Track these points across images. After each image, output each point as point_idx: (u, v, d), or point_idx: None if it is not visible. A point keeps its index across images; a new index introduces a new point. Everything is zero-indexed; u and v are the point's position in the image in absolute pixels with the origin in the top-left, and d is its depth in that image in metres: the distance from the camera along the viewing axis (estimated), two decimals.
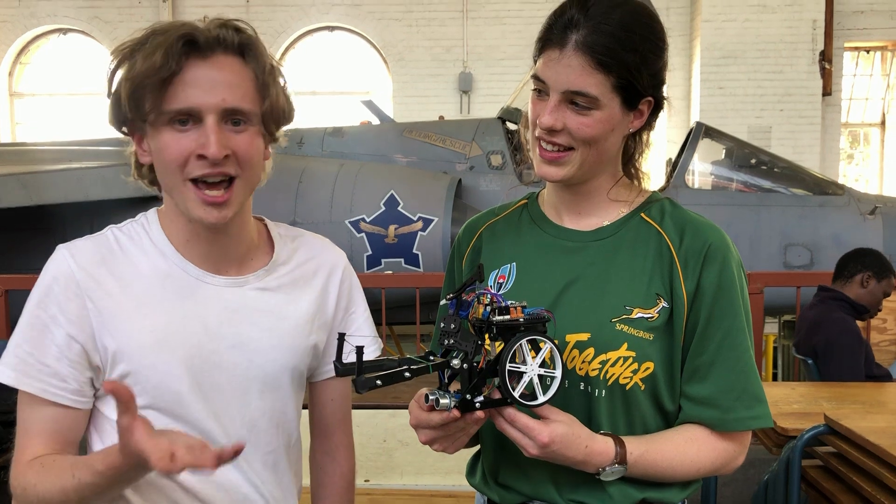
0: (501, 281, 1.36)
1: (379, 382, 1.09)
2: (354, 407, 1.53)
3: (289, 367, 1.32)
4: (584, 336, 1.26)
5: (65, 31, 10.23)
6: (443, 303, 1.22)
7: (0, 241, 5.36)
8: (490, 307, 1.14)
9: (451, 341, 1.15)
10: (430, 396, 1.13)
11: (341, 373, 1.09)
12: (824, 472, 2.40)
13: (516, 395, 1.14)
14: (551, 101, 1.23)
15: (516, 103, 5.91)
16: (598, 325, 1.26)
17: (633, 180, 1.37)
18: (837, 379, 3.48)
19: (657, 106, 1.31)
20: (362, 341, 1.14)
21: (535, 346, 1.15)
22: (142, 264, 1.25)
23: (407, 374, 1.11)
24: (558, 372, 1.16)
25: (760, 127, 9.05)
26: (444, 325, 1.17)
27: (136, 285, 1.23)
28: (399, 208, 5.55)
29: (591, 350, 1.25)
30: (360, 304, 1.44)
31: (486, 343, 1.15)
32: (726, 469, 1.31)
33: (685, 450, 1.27)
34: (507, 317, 1.14)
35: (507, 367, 1.13)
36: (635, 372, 1.25)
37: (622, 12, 1.22)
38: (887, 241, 5.27)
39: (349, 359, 1.09)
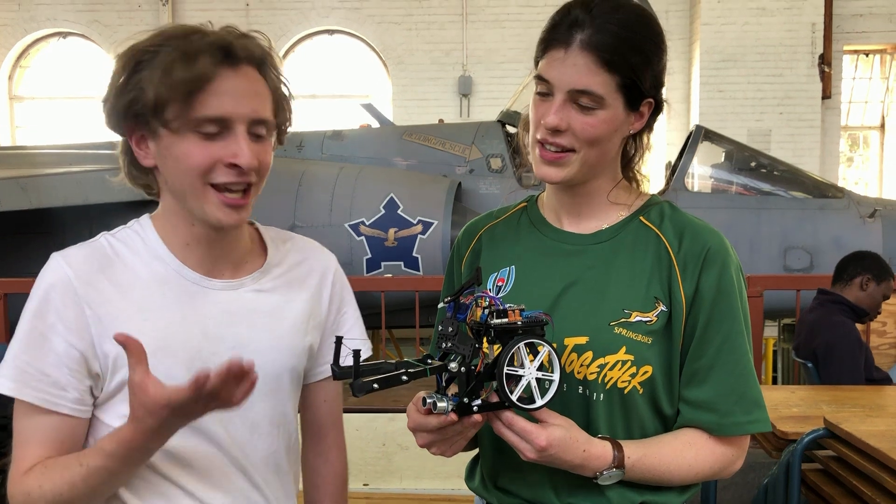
0: (500, 284, 1.35)
1: (376, 386, 1.09)
2: (353, 410, 1.53)
3: (287, 367, 1.33)
4: (583, 339, 1.25)
5: (64, 34, 10.24)
6: (441, 306, 1.22)
7: None
8: (488, 310, 1.14)
9: (449, 345, 1.15)
10: (428, 400, 1.13)
11: (338, 376, 1.09)
12: (824, 475, 2.40)
13: (514, 399, 1.13)
14: (556, 101, 1.23)
15: (516, 106, 5.92)
16: (597, 329, 1.26)
17: (632, 183, 1.37)
18: (837, 382, 3.47)
19: (657, 108, 1.31)
20: (356, 344, 1.14)
21: (533, 350, 1.15)
22: (139, 269, 1.24)
23: (404, 378, 1.11)
24: (556, 376, 1.16)
25: (760, 130, 9.05)
26: (441, 328, 1.17)
27: (135, 291, 1.23)
28: (399, 211, 5.55)
29: (590, 353, 1.25)
30: (351, 305, 1.45)
31: (485, 346, 1.15)
32: (724, 473, 1.30)
33: (683, 454, 1.26)
34: (505, 320, 1.14)
35: (505, 370, 1.12)
36: (634, 376, 1.25)
37: (625, 13, 1.23)
38: (887, 244, 5.27)
39: (345, 362, 1.09)
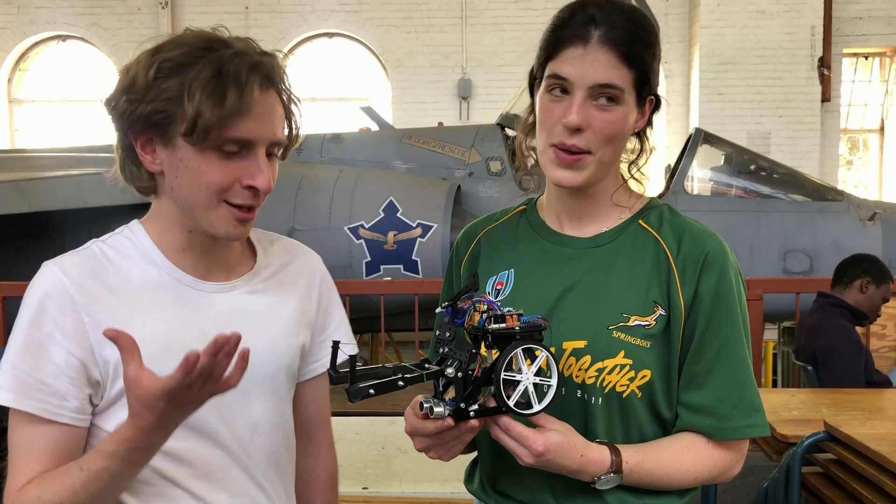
0: (499, 287, 1.35)
1: (372, 392, 1.09)
2: (353, 414, 1.53)
3: (284, 367, 1.33)
4: (581, 343, 1.25)
5: (64, 37, 10.25)
6: (438, 311, 1.21)
7: None
8: (486, 315, 1.14)
9: (446, 350, 1.15)
10: (425, 404, 1.12)
11: (335, 380, 1.09)
12: (824, 478, 2.40)
13: (511, 404, 1.13)
14: (577, 99, 1.22)
15: (515, 109, 5.91)
16: (595, 333, 1.25)
17: (635, 182, 1.37)
18: (837, 385, 3.47)
19: (656, 105, 1.32)
20: (347, 349, 1.14)
21: (531, 355, 1.14)
22: (133, 274, 1.24)
23: (401, 384, 1.11)
24: (554, 380, 1.15)
25: (759, 133, 9.06)
26: (439, 333, 1.17)
27: (131, 296, 1.22)
28: (398, 214, 5.54)
29: (588, 358, 1.25)
30: (337, 304, 1.46)
31: (482, 350, 1.14)
32: (723, 477, 1.30)
33: (682, 458, 1.26)
34: (502, 325, 1.13)
35: (503, 375, 1.12)
36: (632, 380, 1.24)
37: (628, 10, 1.25)
38: (886, 247, 5.27)
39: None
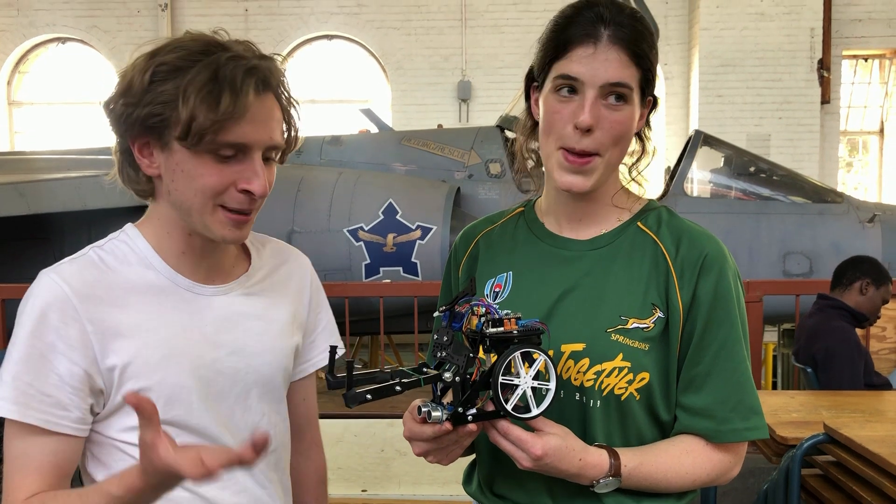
0: (498, 290, 1.35)
1: (369, 397, 1.08)
2: (352, 416, 1.53)
3: (281, 368, 1.34)
4: (580, 346, 1.25)
5: (63, 40, 10.26)
6: (436, 314, 1.21)
7: None
8: (484, 319, 1.14)
9: (444, 354, 1.15)
10: (423, 408, 1.12)
11: (333, 385, 1.09)
12: (824, 481, 2.39)
13: (509, 408, 1.13)
14: (588, 98, 1.21)
15: (515, 111, 5.91)
16: (594, 336, 1.25)
17: (636, 184, 1.37)
18: (837, 387, 3.47)
19: (653, 105, 1.32)
20: (340, 352, 1.14)
21: (529, 359, 1.14)
22: (133, 280, 1.23)
23: (398, 389, 1.11)
24: (552, 384, 1.15)
25: (759, 135, 9.06)
26: (437, 337, 1.17)
27: (133, 302, 1.21)
28: (397, 217, 5.54)
29: (587, 360, 1.24)
30: (325, 305, 1.47)
31: (481, 354, 1.14)
32: (721, 480, 1.30)
33: (680, 461, 1.26)
34: (500, 329, 1.13)
35: (501, 379, 1.11)
36: (630, 382, 1.24)
37: (629, 10, 1.25)
38: (886, 249, 5.27)
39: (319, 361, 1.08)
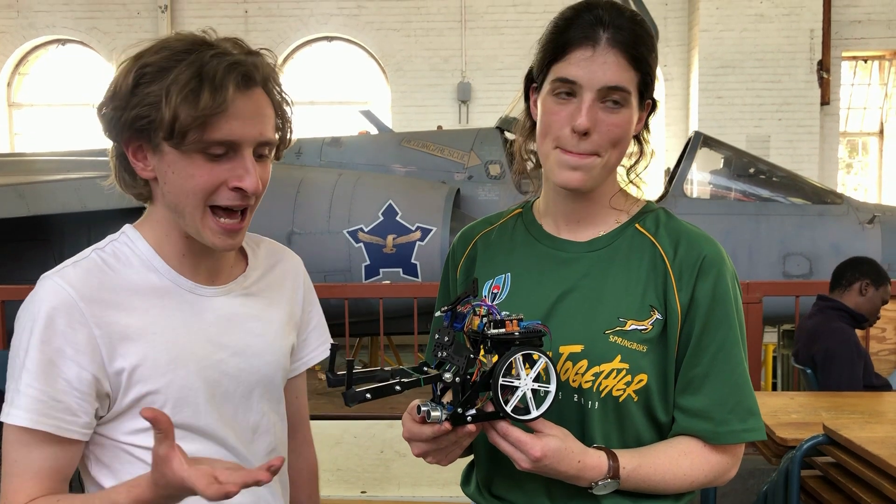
0: (496, 291, 1.35)
1: (369, 396, 1.08)
2: (351, 417, 1.53)
3: (280, 367, 1.35)
4: (578, 348, 1.25)
5: (63, 41, 10.26)
6: (437, 314, 1.21)
7: None
8: (486, 320, 1.13)
9: (444, 354, 1.15)
10: (422, 408, 1.12)
11: (332, 384, 1.09)
12: (823, 482, 2.40)
13: (509, 410, 1.13)
14: (585, 101, 1.21)
15: (515, 113, 5.91)
16: (592, 337, 1.25)
17: (634, 186, 1.37)
18: (836, 389, 3.47)
19: (652, 108, 1.32)
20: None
21: (530, 360, 1.14)
22: (137, 282, 1.22)
23: (398, 388, 1.11)
24: (552, 386, 1.15)
25: (759, 136, 9.06)
26: (438, 337, 1.16)
27: (137, 304, 1.20)
28: (397, 218, 5.54)
29: (585, 362, 1.24)
30: (316, 303, 1.48)
31: (481, 355, 1.14)
32: (719, 481, 1.30)
33: (678, 463, 1.26)
34: (502, 330, 1.13)
35: (501, 380, 1.11)
36: (629, 384, 1.24)
37: (629, 13, 1.25)
38: (886, 250, 5.27)
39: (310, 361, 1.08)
